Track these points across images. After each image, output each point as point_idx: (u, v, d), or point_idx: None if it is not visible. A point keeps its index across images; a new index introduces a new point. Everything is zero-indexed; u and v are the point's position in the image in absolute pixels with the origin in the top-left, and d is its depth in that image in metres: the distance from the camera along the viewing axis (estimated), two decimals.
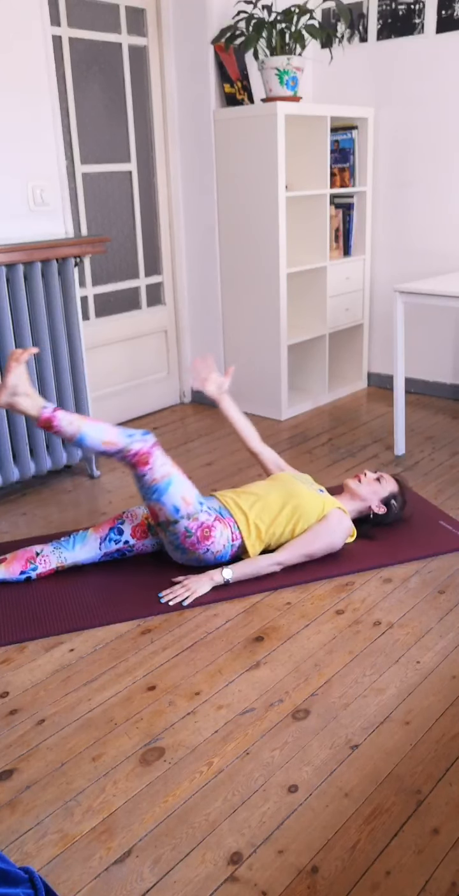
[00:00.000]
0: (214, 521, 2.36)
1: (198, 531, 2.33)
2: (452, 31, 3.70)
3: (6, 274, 2.89)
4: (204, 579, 2.34)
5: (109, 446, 2.26)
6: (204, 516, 2.34)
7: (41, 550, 2.44)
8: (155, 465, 2.29)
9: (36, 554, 2.44)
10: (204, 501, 2.41)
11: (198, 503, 2.35)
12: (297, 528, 2.46)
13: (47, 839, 1.51)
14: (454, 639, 2.09)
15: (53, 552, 2.44)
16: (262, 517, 2.44)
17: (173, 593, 2.32)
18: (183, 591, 2.32)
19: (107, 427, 2.28)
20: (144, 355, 4.16)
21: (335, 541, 2.47)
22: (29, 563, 2.42)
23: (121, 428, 2.30)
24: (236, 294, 4.01)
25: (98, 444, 2.26)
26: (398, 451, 3.44)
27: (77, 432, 2.24)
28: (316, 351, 4.21)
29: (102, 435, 2.26)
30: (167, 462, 2.32)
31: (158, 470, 2.29)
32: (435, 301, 3.06)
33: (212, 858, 1.45)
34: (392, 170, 4.11)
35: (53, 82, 3.22)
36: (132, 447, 2.27)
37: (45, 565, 2.43)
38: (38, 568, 2.42)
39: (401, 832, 1.49)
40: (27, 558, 2.43)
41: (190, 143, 3.92)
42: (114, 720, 1.83)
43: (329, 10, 4.08)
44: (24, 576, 2.41)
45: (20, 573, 2.41)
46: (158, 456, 2.30)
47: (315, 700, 1.87)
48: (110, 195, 3.83)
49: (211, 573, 2.35)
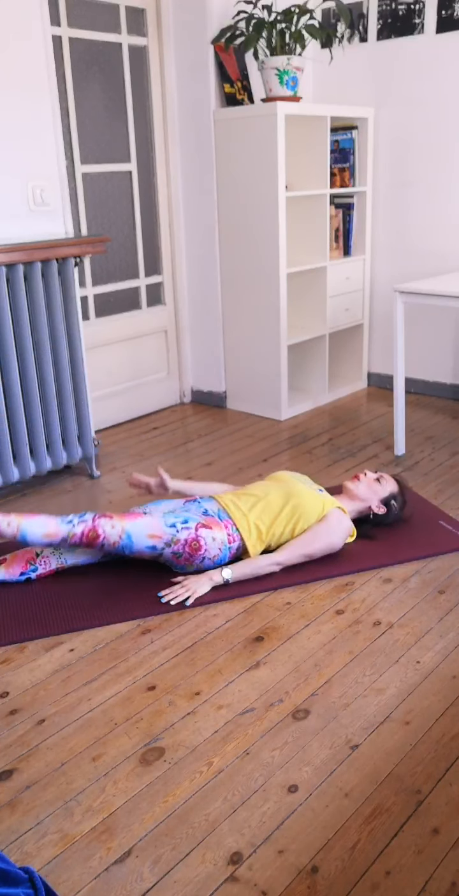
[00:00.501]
0: (197, 531, 2.34)
1: (186, 548, 2.34)
2: (452, 31, 3.70)
3: (6, 274, 2.89)
4: (204, 580, 2.34)
5: (51, 538, 2.27)
6: (184, 533, 2.33)
7: (41, 551, 2.44)
8: (106, 533, 2.29)
9: (36, 555, 2.44)
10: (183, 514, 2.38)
11: (170, 526, 2.33)
12: (297, 527, 2.46)
13: (47, 839, 1.51)
14: (454, 639, 2.09)
15: (53, 553, 2.44)
16: (262, 518, 2.44)
17: (172, 593, 2.32)
18: (183, 592, 2.31)
19: (46, 519, 2.28)
20: (144, 355, 4.16)
21: (334, 541, 2.47)
22: (29, 564, 2.42)
23: (58, 517, 2.30)
24: (236, 294, 4.01)
25: (40, 538, 2.27)
26: (398, 451, 3.44)
27: (17, 531, 2.25)
28: (316, 351, 4.21)
29: (43, 528, 2.26)
30: (115, 522, 2.30)
31: (112, 535, 2.29)
32: (435, 301, 3.06)
33: (212, 858, 1.45)
34: (392, 170, 4.11)
35: (53, 82, 3.22)
36: (75, 531, 2.28)
37: (46, 566, 2.43)
38: (39, 569, 2.42)
39: (401, 832, 1.49)
40: (27, 559, 2.43)
41: (190, 143, 3.92)
42: (114, 720, 1.83)
43: (329, 10, 4.08)
44: (24, 577, 2.41)
45: (20, 574, 2.41)
46: (104, 524, 2.29)
47: (315, 700, 1.87)
48: (110, 195, 3.83)
49: (210, 573, 2.35)
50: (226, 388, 4.26)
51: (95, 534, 2.28)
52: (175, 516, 2.36)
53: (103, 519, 2.30)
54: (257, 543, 2.43)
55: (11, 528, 2.25)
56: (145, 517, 2.34)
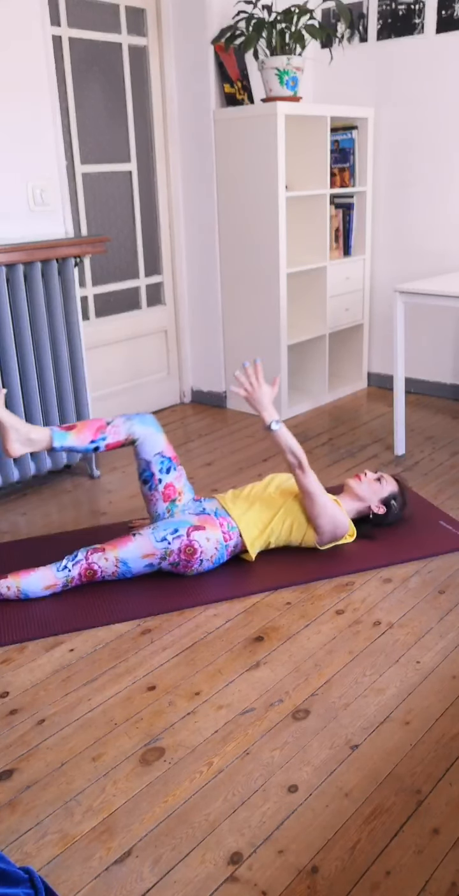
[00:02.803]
0: (190, 536, 2.34)
1: (182, 556, 2.34)
2: (452, 31, 3.70)
3: (6, 274, 2.89)
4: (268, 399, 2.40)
5: (53, 588, 2.32)
6: (176, 543, 2.33)
7: (112, 420, 2.42)
8: (102, 567, 2.33)
9: (107, 423, 2.40)
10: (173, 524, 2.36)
11: (160, 541, 2.33)
12: (294, 526, 2.46)
13: (47, 839, 1.51)
14: (454, 639, 2.09)
15: (124, 423, 2.42)
16: (261, 516, 2.44)
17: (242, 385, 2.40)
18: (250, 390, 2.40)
19: (43, 572, 2.31)
20: (144, 355, 4.16)
21: (337, 517, 2.45)
22: (99, 433, 2.38)
23: (53, 566, 2.32)
24: (236, 294, 4.01)
25: (42, 592, 2.31)
26: (398, 451, 3.44)
27: (18, 592, 2.29)
28: (316, 351, 4.21)
29: (42, 582, 2.30)
30: (108, 553, 2.32)
31: (108, 567, 2.33)
32: (435, 301, 3.06)
33: (212, 858, 1.45)
34: (392, 170, 4.11)
35: (53, 82, 3.22)
36: (72, 575, 2.31)
37: (116, 436, 2.40)
38: (108, 438, 2.39)
39: (401, 832, 1.49)
40: (98, 427, 2.39)
41: (190, 143, 3.92)
42: (114, 720, 1.83)
43: (329, 10, 4.08)
44: (92, 445, 2.37)
45: (90, 442, 2.37)
46: (98, 559, 2.32)
47: (315, 700, 1.87)
48: (110, 195, 3.83)
49: (271, 409, 2.40)
50: (226, 388, 4.26)
51: (92, 571, 2.32)
52: (164, 528, 2.35)
53: (96, 554, 2.33)
54: (257, 541, 2.43)
55: (11, 590, 2.29)
56: (135, 539, 2.34)
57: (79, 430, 2.37)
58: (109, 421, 2.41)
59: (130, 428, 2.42)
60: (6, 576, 2.30)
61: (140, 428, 2.43)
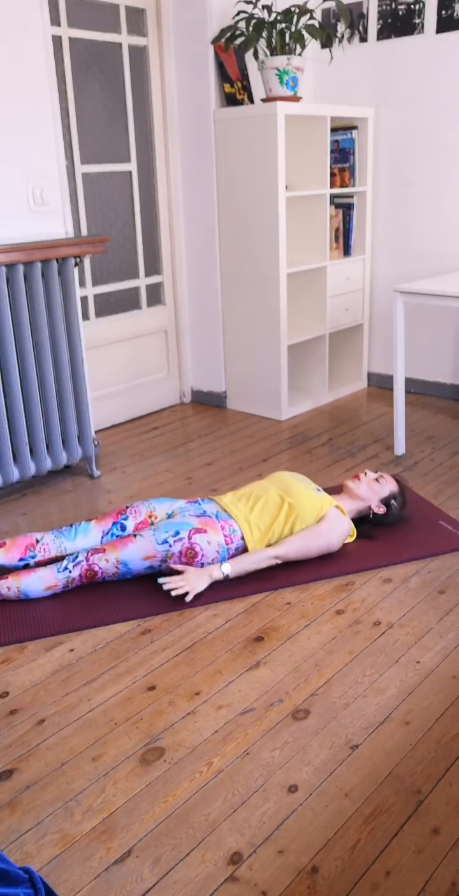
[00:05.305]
0: (191, 539, 2.34)
1: (182, 559, 2.35)
2: (452, 31, 3.70)
3: (6, 274, 2.89)
4: (203, 575, 2.33)
5: (53, 589, 2.32)
6: (178, 545, 2.33)
7: (42, 538, 2.43)
8: (103, 568, 2.33)
9: (36, 541, 2.42)
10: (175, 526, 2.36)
11: (162, 543, 2.33)
12: (295, 527, 2.46)
13: (47, 839, 1.51)
14: (454, 639, 2.09)
15: (54, 541, 2.43)
16: (262, 518, 2.44)
17: (173, 583, 2.28)
18: (184, 585, 2.29)
19: (43, 573, 2.31)
20: (144, 355, 4.16)
21: (332, 540, 2.47)
22: (28, 551, 2.41)
23: (54, 566, 2.32)
24: (236, 294, 4.01)
25: (43, 592, 2.31)
26: (399, 451, 3.44)
27: (19, 592, 2.29)
28: (316, 351, 4.21)
29: (43, 583, 2.30)
30: (109, 555, 2.33)
31: (109, 568, 2.34)
32: (435, 301, 3.06)
33: (212, 858, 1.45)
34: (392, 170, 4.11)
35: (53, 82, 3.22)
36: (73, 576, 2.32)
37: (45, 553, 2.41)
38: (38, 556, 2.41)
39: (401, 832, 1.49)
40: (27, 545, 2.41)
41: (190, 143, 3.92)
42: (114, 720, 1.83)
43: (329, 10, 4.08)
44: (22, 563, 2.40)
45: (19, 560, 2.40)
46: (98, 560, 2.33)
47: (315, 700, 1.87)
48: (110, 195, 3.83)
49: (210, 569, 2.34)
50: (226, 388, 4.26)
51: (93, 572, 2.33)
52: (165, 530, 2.35)
53: (96, 555, 2.33)
54: (259, 544, 2.43)
55: (12, 591, 2.29)
56: (136, 540, 2.34)
57: (7, 549, 2.41)
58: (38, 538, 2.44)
59: (61, 545, 2.44)
60: (7, 576, 2.30)
61: (70, 544, 2.45)
